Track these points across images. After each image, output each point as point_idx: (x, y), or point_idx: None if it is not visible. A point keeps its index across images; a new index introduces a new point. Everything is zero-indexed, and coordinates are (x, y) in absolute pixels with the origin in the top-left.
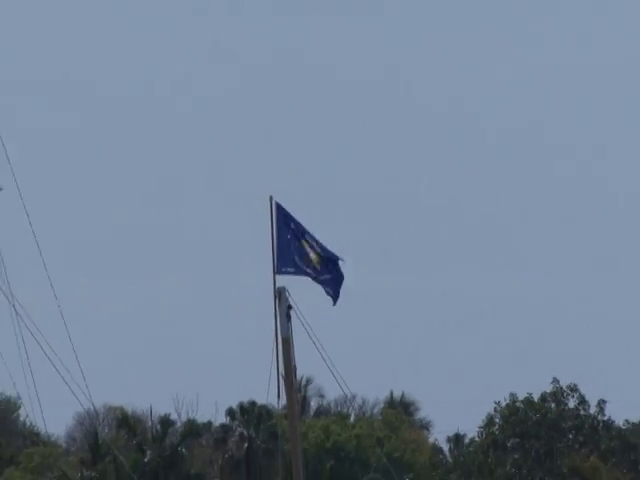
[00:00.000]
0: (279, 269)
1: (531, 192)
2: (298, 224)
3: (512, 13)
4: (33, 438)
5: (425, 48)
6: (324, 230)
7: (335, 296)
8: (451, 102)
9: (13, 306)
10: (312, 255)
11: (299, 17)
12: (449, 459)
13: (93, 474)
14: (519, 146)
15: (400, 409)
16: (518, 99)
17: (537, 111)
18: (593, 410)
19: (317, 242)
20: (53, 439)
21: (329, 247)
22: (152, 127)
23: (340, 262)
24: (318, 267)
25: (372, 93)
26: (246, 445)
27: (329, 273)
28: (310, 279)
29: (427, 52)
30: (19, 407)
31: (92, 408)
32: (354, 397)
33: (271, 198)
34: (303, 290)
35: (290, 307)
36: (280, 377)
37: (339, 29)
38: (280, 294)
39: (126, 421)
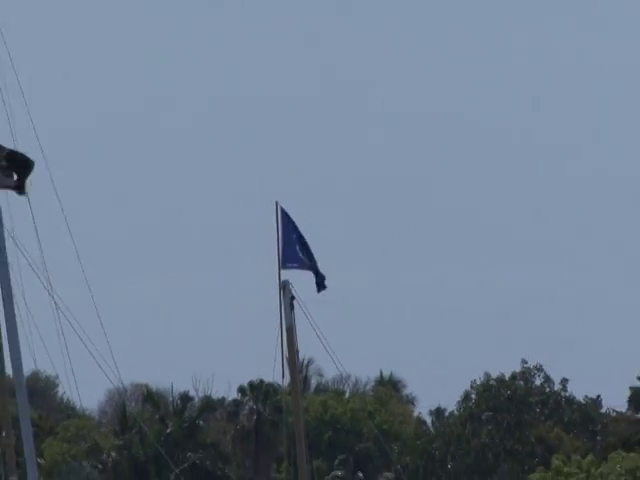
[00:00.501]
0: (284, 264)
1: (505, 192)
2: (297, 232)
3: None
4: (69, 412)
5: (418, 51)
6: (325, 228)
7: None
8: (442, 103)
9: (52, 297)
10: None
11: (298, 19)
12: (431, 430)
13: (121, 443)
14: (507, 145)
15: (389, 386)
16: (513, 99)
17: (528, 110)
18: (557, 387)
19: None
20: (87, 413)
21: (328, 244)
22: (174, 136)
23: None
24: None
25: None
26: (255, 418)
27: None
28: (312, 272)
29: (416, 55)
30: (57, 385)
31: (121, 385)
32: (349, 376)
33: (277, 203)
34: (304, 283)
35: (293, 298)
36: (284, 359)
37: (341, 33)
38: (284, 287)
39: (150, 397)
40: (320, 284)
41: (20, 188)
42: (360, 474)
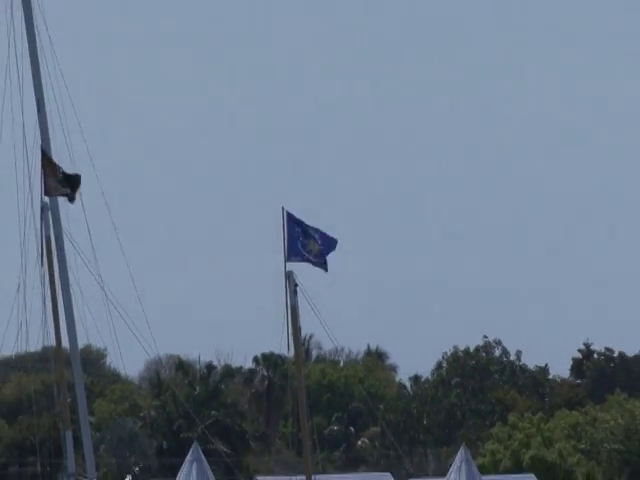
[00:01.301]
0: (289, 258)
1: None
2: (304, 224)
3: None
4: (115, 378)
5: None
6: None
7: (324, 264)
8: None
9: (103, 289)
10: (314, 247)
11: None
12: (410, 392)
13: (157, 403)
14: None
15: (375, 357)
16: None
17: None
18: (512, 358)
19: (320, 233)
20: (129, 379)
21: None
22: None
23: (336, 244)
24: (317, 255)
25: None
26: (266, 383)
27: (321, 255)
28: (311, 265)
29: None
30: (105, 356)
31: (157, 356)
32: (342, 348)
33: (283, 208)
34: (306, 273)
35: (296, 285)
36: (289, 335)
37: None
38: (289, 276)
39: (181, 366)
40: (323, 255)
41: (72, 199)
42: (352, 428)
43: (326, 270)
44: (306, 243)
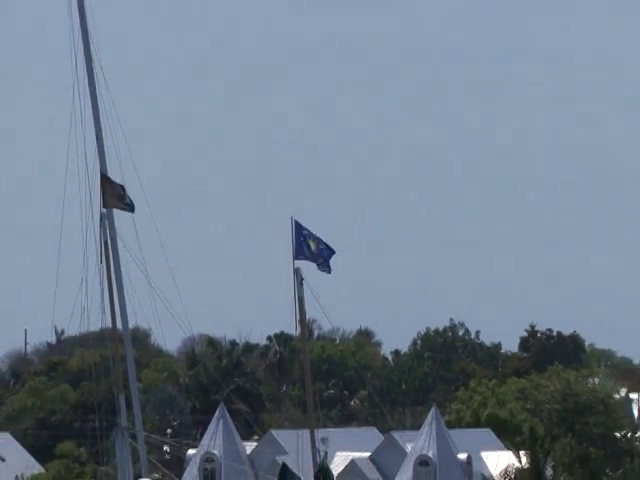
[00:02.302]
0: (296, 257)
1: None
2: (308, 231)
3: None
4: (158, 352)
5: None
6: (328, 226)
7: (328, 270)
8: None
9: (149, 282)
10: (314, 249)
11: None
12: (392, 363)
13: (192, 373)
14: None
15: (364, 335)
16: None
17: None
18: (473, 336)
19: (320, 241)
20: (169, 353)
21: (329, 241)
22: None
23: (334, 254)
24: (317, 256)
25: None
26: (278, 356)
27: (323, 259)
28: (315, 265)
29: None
30: (150, 334)
31: (192, 335)
32: (338, 328)
33: (292, 218)
34: (310, 270)
35: (302, 279)
36: (297, 318)
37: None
38: (297, 272)
39: (211, 342)
40: (326, 264)
41: (132, 208)
42: (346, 392)
43: (329, 272)
44: (308, 244)
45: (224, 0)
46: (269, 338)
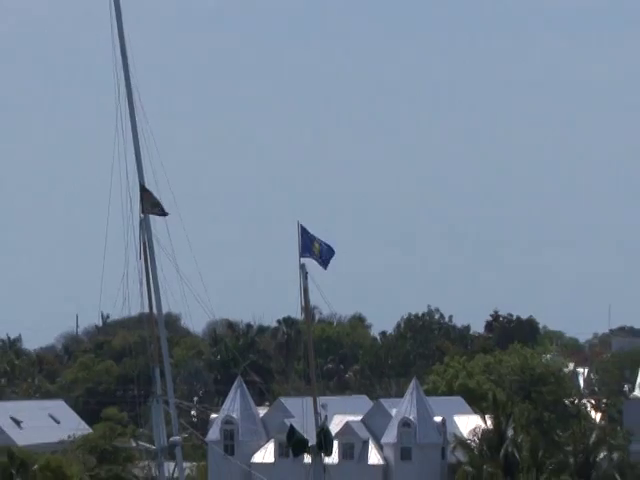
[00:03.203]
0: (302, 255)
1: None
2: (311, 234)
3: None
4: (186, 333)
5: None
6: (330, 228)
7: (324, 266)
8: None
9: (178, 272)
10: (317, 248)
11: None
12: (380, 342)
13: (214, 350)
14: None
15: (357, 319)
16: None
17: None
18: (446, 320)
19: (322, 242)
20: (196, 334)
21: (329, 240)
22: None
23: (334, 254)
24: (318, 255)
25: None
26: (286, 337)
27: (323, 258)
28: (315, 262)
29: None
30: (180, 319)
31: (215, 319)
32: (336, 313)
33: (298, 222)
34: (313, 266)
35: (307, 273)
36: (302, 305)
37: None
38: (302, 267)
39: (230, 325)
40: (325, 262)
41: (164, 213)
42: (341, 366)
43: (325, 268)
44: (313, 246)
45: (238, 15)
46: (278, 321)
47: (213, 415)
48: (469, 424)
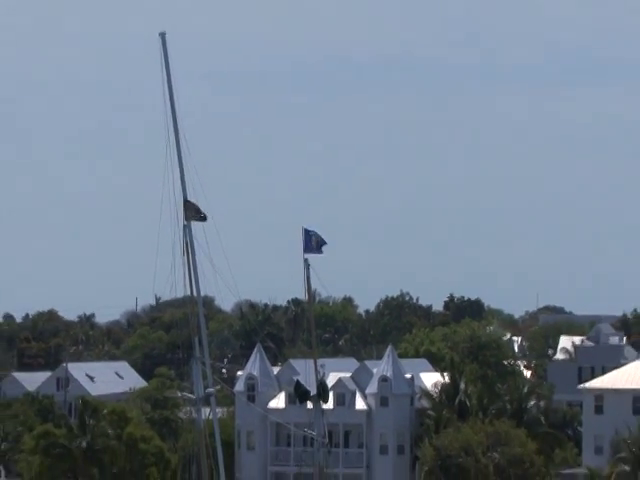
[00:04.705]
0: (305, 251)
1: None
2: (311, 233)
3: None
4: (218, 310)
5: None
6: (330, 227)
7: (320, 252)
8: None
9: (212, 265)
10: (314, 242)
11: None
12: (364, 318)
13: (240, 323)
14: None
15: (347, 300)
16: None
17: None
18: (415, 301)
19: (320, 236)
20: (225, 311)
21: (324, 234)
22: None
23: (325, 244)
24: (316, 246)
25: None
26: (294, 313)
27: (318, 247)
28: (315, 255)
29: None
30: (214, 300)
31: (240, 299)
32: (332, 296)
33: (302, 227)
34: (315, 260)
35: (309, 264)
36: (306, 289)
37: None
38: (306, 260)
39: (252, 305)
40: (319, 249)
41: (204, 219)
42: (335, 336)
43: (320, 253)
44: (312, 241)
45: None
46: (288, 302)
47: (239, 372)
48: (432, 380)
